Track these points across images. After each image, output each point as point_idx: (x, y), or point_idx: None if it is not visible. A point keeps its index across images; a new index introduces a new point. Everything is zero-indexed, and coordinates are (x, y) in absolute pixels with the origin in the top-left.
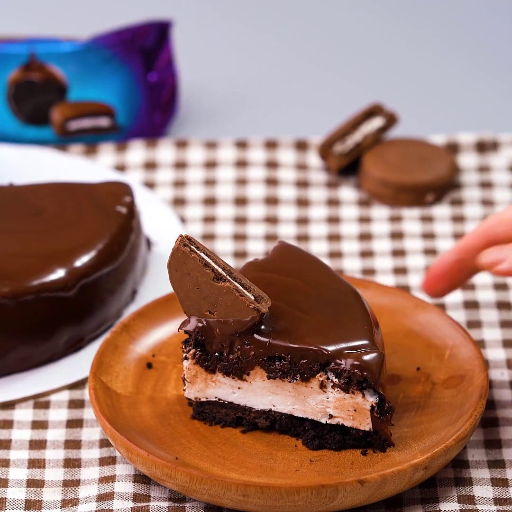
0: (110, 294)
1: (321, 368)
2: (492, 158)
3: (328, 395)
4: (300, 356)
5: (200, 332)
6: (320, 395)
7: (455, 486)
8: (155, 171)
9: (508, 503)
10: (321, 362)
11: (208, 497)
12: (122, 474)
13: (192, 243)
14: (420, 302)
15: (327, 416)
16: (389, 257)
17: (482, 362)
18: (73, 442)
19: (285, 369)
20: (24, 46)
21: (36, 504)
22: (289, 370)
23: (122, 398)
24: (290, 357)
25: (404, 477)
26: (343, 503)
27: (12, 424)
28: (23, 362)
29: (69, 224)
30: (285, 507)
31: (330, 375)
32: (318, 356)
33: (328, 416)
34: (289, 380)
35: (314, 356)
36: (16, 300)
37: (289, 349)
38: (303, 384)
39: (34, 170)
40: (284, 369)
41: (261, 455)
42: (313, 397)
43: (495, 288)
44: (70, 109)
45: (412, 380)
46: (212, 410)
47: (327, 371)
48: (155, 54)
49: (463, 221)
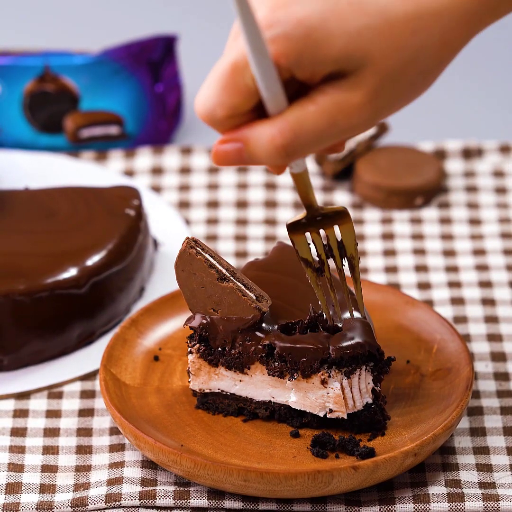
0: (119, 291)
1: (322, 365)
2: (477, 164)
3: (329, 391)
4: (300, 355)
5: (204, 328)
6: (320, 390)
7: (442, 471)
8: (161, 176)
9: (492, 487)
10: (321, 358)
11: (211, 482)
12: (131, 460)
13: (198, 245)
14: (410, 299)
15: (326, 410)
16: (381, 256)
17: (468, 355)
18: (85, 430)
19: (283, 369)
20: (39, 59)
21: (50, 488)
22: (288, 369)
23: (130, 389)
24: (290, 356)
25: (395, 463)
26: (337, 487)
27: (27, 413)
28: (38, 355)
29: (80, 226)
30: (284, 491)
31: (331, 371)
32: (317, 354)
33: (327, 410)
34: (288, 379)
35: (314, 354)
36: (31, 297)
37: (289, 349)
38: (304, 380)
39: (48, 175)
40: (283, 369)
41: (261, 442)
42: (313, 392)
43: (480, 286)
44: (82, 118)
45: (402, 372)
46: (215, 400)
47: (328, 367)
48: (161, 66)
49: (450, 223)
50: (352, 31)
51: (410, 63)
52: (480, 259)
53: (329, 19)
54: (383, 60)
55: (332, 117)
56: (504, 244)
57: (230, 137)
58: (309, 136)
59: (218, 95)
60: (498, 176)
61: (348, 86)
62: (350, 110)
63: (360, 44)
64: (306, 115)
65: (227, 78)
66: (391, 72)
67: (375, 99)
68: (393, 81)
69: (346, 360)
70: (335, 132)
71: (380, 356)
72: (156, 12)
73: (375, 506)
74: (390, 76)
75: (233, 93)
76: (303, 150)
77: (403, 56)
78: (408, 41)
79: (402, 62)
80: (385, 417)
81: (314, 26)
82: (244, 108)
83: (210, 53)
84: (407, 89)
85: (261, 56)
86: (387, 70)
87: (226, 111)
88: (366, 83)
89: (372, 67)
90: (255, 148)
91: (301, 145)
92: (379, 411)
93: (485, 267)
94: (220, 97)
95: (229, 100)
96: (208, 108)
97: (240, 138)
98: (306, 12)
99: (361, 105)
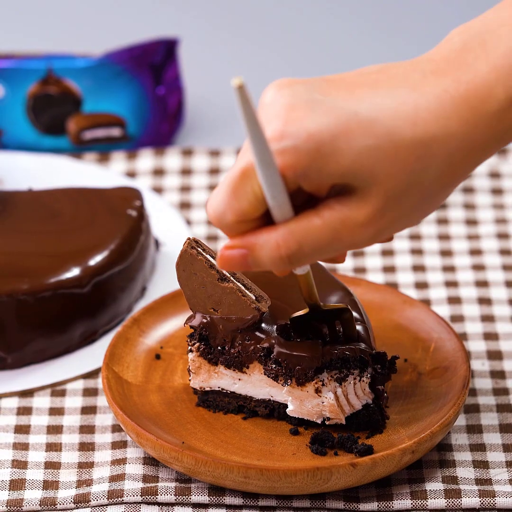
0: (121, 291)
1: (316, 374)
2: None
3: (323, 400)
4: (296, 362)
5: (205, 327)
6: (315, 399)
7: (439, 468)
8: (163, 177)
9: (488, 483)
10: (316, 367)
11: (212, 479)
12: (133, 457)
13: (199, 246)
14: (407, 298)
15: (324, 418)
16: (379, 256)
17: (464, 354)
18: (87, 427)
19: (279, 373)
20: (42, 62)
21: (53, 484)
22: (283, 374)
23: (132, 386)
24: (286, 362)
25: (393, 460)
26: (336, 484)
27: (31, 411)
28: (41, 354)
29: (83, 226)
30: (283, 488)
31: (324, 379)
32: (313, 363)
33: (325, 418)
34: (282, 384)
35: (309, 363)
36: (35, 296)
37: (286, 355)
38: (299, 388)
39: (51, 176)
40: (278, 373)
41: (261, 440)
42: (309, 400)
43: (476, 285)
44: (84, 120)
45: (400, 370)
46: (215, 398)
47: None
48: (163, 69)
49: (447, 224)
50: (360, 150)
51: (414, 186)
52: (477, 259)
53: (339, 136)
54: (388, 180)
55: (336, 232)
56: (500, 244)
57: (236, 243)
58: (313, 248)
59: (228, 200)
60: (494, 177)
61: (355, 204)
62: (355, 227)
63: (367, 163)
64: (311, 228)
65: (237, 184)
66: (395, 193)
67: (379, 219)
68: (397, 202)
69: (336, 362)
70: (338, 246)
71: (384, 357)
72: (158, 16)
73: (373, 502)
74: (394, 197)
75: (242, 199)
76: (306, 259)
77: (407, 179)
78: (413, 165)
79: (406, 185)
80: (384, 416)
81: (323, 141)
82: (253, 214)
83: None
84: (410, 212)
85: (268, 167)
86: (392, 191)
87: (235, 216)
88: (371, 202)
89: (378, 186)
90: (259, 255)
91: (305, 255)
92: (378, 411)
93: (481, 267)
94: (230, 202)
95: (238, 205)
96: (218, 212)
97: (245, 245)
98: (317, 127)
99: (365, 223)
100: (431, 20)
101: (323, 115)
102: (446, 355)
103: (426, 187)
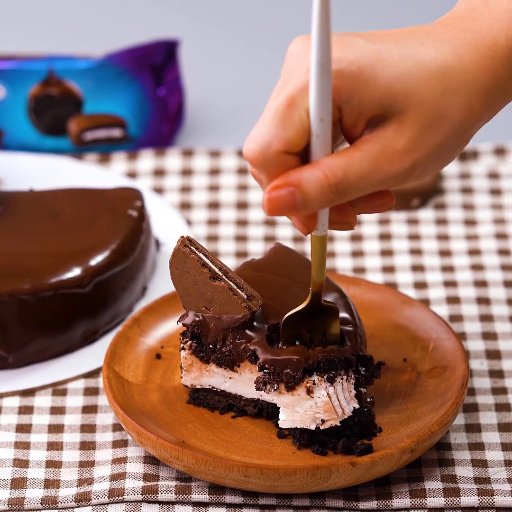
0: (122, 291)
1: (305, 374)
2: (472, 166)
3: (316, 401)
4: (283, 366)
5: (197, 325)
6: (308, 401)
7: (438, 467)
8: (163, 177)
9: (487, 482)
10: (304, 368)
11: (212, 478)
12: (133, 456)
13: (192, 244)
14: (406, 298)
15: (318, 422)
16: (378, 256)
17: (463, 353)
18: (88, 427)
19: (266, 379)
20: (43, 63)
21: (54, 483)
22: (271, 381)
23: (133, 386)
24: (273, 368)
25: (392, 459)
26: (336, 483)
27: (32, 410)
28: (42, 353)
29: (84, 226)
30: (283, 486)
31: (314, 379)
32: (300, 364)
33: (319, 422)
34: (268, 390)
35: (296, 364)
36: (36, 296)
37: (272, 361)
38: (289, 393)
39: (53, 177)
40: (265, 379)
41: (260, 439)
42: (301, 404)
43: (475, 285)
44: (85, 121)
45: (399, 370)
46: (206, 396)
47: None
48: (163, 70)
49: (446, 224)
50: (395, 76)
51: (442, 119)
52: (476, 259)
53: (375, 64)
54: (420, 108)
55: (376, 161)
56: (498, 244)
57: (281, 182)
58: (358, 176)
59: (274, 129)
60: (493, 177)
61: (391, 133)
62: (393, 156)
63: (402, 89)
64: (352, 159)
65: (284, 112)
66: (427, 123)
67: (414, 149)
68: (429, 133)
69: (324, 363)
70: (380, 176)
71: (370, 361)
72: (158, 17)
73: (373, 501)
74: (426, 127)
75: (289, 127)
76: (354, 190)
77: (436, 110)
78: (439, 97)
79: (435, 116)
80: (372, 422)
81: (363, 68)
82: (298, 145)
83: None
84: (440, 148)
85: (326, 76)
86: (424, 120)
87: (282, 145)
88: (406, 130)
89: (412, 114)
90: (307, 189)
91: (350, 184)
92: (367, 415)
93: (480, 266)
94: (276, 131)
95: (284, 134)
96: (262, 144)
97: (292, 182)
98: (356, 56)
99: (402, 151)
100: (431, 20)
101: (358, 49)
102: (445, 354)
103: (453, 122)
